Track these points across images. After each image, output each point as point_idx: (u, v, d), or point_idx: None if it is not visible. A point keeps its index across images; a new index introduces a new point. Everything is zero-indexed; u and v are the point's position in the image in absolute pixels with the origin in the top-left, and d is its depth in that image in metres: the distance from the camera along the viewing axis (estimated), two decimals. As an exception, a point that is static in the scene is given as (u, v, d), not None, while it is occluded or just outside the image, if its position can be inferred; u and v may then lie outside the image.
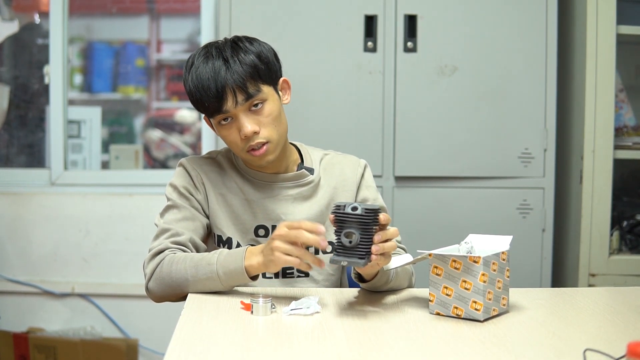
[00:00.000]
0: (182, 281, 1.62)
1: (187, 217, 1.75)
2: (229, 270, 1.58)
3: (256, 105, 1.70)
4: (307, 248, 1.54)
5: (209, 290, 1.62)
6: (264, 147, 1.71)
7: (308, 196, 1.81)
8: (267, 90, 1.71)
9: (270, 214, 1.79)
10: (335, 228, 1.48)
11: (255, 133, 1.69)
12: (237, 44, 1.72)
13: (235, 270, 1.58)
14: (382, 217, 1.48)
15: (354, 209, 1.45)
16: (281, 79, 1.79)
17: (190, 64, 1.73)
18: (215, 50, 1.71)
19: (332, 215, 1.48)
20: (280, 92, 1.78)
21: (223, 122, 1.71)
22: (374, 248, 1.46)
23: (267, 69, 1.72)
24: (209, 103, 1.68)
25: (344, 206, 1.46)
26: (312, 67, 2.68)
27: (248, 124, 1.68)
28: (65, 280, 3.16)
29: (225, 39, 1.75)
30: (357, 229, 1.46)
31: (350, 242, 1.46)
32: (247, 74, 1.68)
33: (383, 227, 1.50)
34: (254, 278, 1.61)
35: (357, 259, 1.46)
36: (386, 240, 1.49)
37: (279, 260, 1.52)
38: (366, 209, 1.45)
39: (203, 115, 1.81)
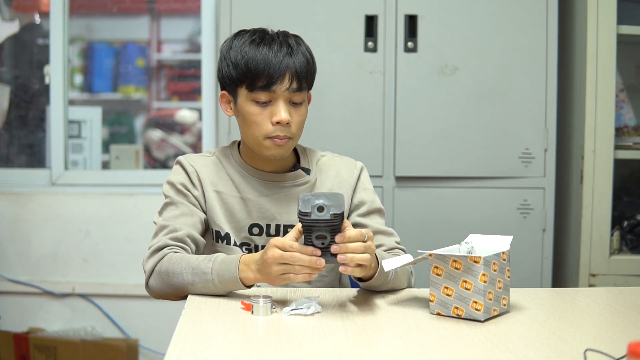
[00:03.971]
0: (180, 285, 1.63)
1: (184, 213, 1.76)
2: (224, 280, 1.59)
3: (296, 103, 1.74)
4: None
5: (207, 294, 1.62)
6: (286, 140, 1.73)
7: None
8: (307, 94, 1.78)
9: (264, 212, 1.80)
10: (304, 232, 1.48)
11: (288, 124, 1.72)
12: (299, 40, 1.77)
13: (230, 280, 1.58)
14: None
15: (320, 209, 1.44)
16: (310, 91, 1.83)
17: (246, 40, 1.73)
18: (279, 36, 1.75)
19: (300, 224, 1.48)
20: None
21: (259, 101, 1.72)
22: (333, 247, 1.47)
23: (312, 74, 1.79)
24: (264, 76, 1.69)
25: (310, 212, 1.44)
26: (313, 67, 2.68)
27: (285, 112, 1.71)
28: (66, 280, 3.16)
29: (285, 31, 1.78)
30: (327, 231, 1.46)
31: (322, 243, 1.47)
32: (305, 69, 1.73)
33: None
34: (251, 286, 1.61)
35: (331, 257, 1.48)
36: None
37: (279, 282, 1.51)
38: (334, 214, 1.44)
39: (220, 92, 1.81)
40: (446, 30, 2.69)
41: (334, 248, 1.47)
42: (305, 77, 1.73)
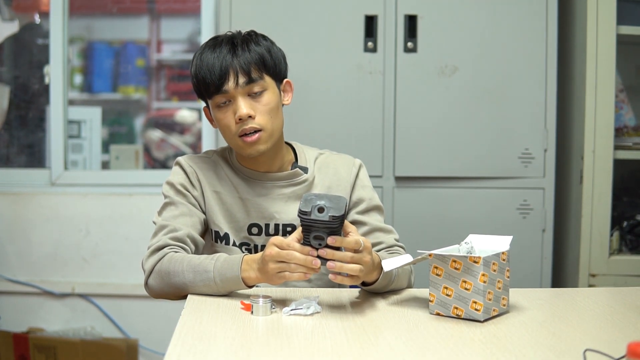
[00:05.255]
0: (181, 284, 1.63)
1: (184, 213, 1.76)
2: (226, 279, 1.59)
3: (256, 93, 1.73)
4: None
5: (207, 293, 1.63)
6: (257, 135, 1.73)
7: (302, 195, 1.81)
8: (269, 81, 1.76)
9: (263, 212, 1.80)
10: (303, 231, 1.49)
11: (250, 117, 1.72)
12: (250, 35, 1.78)
13: (232, 279, 1.58)
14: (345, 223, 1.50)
15: (320, 210, 1.45)
16: (285, 80, 1.83)
17: (200, 51, 1.78)
18: (226, 38, 1.77)
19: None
20: (282, 92, 1.81)
21: (221, 105, 1.74)
22: (320, 251, 1.47)
23: (273, 64, 1.77)
24: (211, 81, 1.71)
25: (309, 212, 1.45)
26: (313, 67, 2.68)
27: (244, 107, 1.71)
28: (65, 280, 3.16)
29: (239, 31, 1.80)
30: (325, 232, 1.47)
31: (319, 244, 1.48)
32: (253, 60, 1.73)
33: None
34: (252, 286, 1.61)
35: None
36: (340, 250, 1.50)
37: (276, 280, 1.52)
38: (333, 216, 1.45)
39: (203, 107, 1.84)
40: (446, 30, 2.69)
41: (321, 252, 1.48)
42: (257, 67, 1.73)
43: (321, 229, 1.46)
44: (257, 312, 1.48)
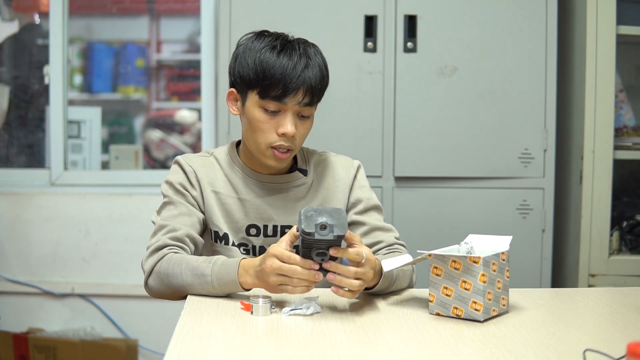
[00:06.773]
0: (179, 286, 1.63)
1: (183, 213, 1.75)
2: (224, 283, 1.59)
3: (303, 116, 1.73)
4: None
5: (206, 295, 1.62)
6: (288, 153, 1.74)
7: (301, 197, 1.82)
8: (314, 109, 1.76)
9: (262, 213, 1.80)
10: (303, 247, 1.48)
11: (293, 137, 1.71)
12: (315, 49, 1.76)
13: (229, 283, 1.58)
14: (347, 234, 1.49)
15: (323, 227, 1.44)
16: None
17: (264, 43, 1.70)
18: (298, 45, 1.72)
19: (298, 233, 1.48)
20: None
21: (267, 109, 1.70)
22: (324, 264, 1.47)
23: (325, 88, 1.76)
24: (278, 87, 1.67)
25: (314, 232, 1.44)
26: (312, 68, 2.68)
27: (291, 126, 1.70)
28: (65, 281, 3.16)
29: (300, 38, 1.76)
30: (327, 249, 1.47)
31: (322, 260, 1.48)
32: (318, 82, 1.71)
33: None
34: (249, 289, 1.61)
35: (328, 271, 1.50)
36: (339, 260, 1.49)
37: (277, 292, 1.52)
38: (338, 235, 1.44)
39: (229, 90, 1.79)
40: (446, 30, 2.69)
41: (326, 265, 1.48)
42: (318, 92, 1.72)
43: (324, 246, 1.47)
44: (256, 312, 1.48)
